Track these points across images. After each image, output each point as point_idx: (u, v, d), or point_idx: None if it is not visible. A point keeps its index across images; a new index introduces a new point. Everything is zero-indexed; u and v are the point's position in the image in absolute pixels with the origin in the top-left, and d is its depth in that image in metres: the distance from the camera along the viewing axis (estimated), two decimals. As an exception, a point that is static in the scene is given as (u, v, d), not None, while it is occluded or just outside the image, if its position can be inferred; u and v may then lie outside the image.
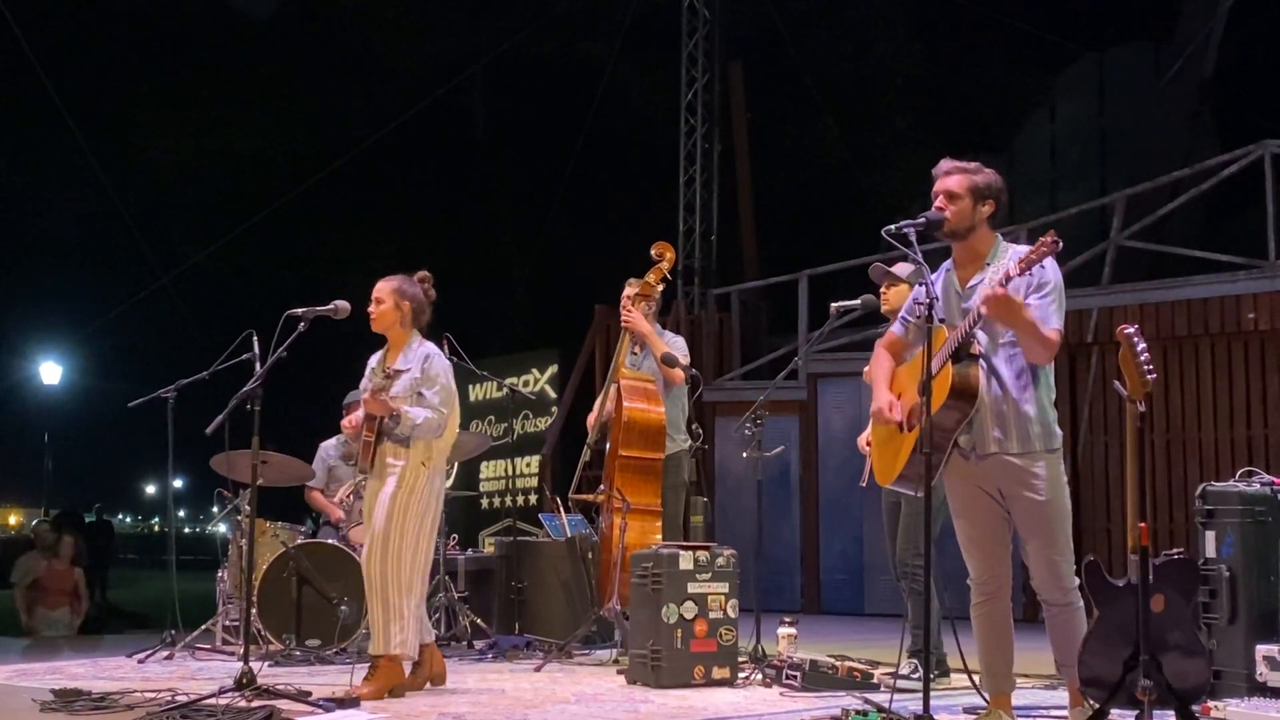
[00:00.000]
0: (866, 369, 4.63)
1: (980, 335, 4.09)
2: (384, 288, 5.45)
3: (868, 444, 6.04)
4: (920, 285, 4.20)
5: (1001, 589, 4.21)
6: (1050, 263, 4.09)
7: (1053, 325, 4.03)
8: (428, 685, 5.43)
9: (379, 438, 5.33)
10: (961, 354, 4.07)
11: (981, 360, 4.09)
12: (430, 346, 5.48)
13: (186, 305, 19.36)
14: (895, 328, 4.46)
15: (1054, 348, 4.05)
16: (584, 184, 18.05)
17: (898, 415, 4.22)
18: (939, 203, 4.17)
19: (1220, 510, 5.15)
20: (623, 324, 6.90)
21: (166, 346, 21.50)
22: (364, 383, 5.58)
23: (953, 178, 4.16)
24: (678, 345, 6.81)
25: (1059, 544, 4.08)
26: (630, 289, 6.85)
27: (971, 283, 4.16)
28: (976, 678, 4.44)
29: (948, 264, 4.32)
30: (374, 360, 5.60)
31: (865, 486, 5.47)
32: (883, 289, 5.79)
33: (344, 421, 5.94)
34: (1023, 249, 4.03)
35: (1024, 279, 4.00)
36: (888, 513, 5.96)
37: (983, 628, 4.24)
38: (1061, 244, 3.91)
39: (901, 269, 5.73)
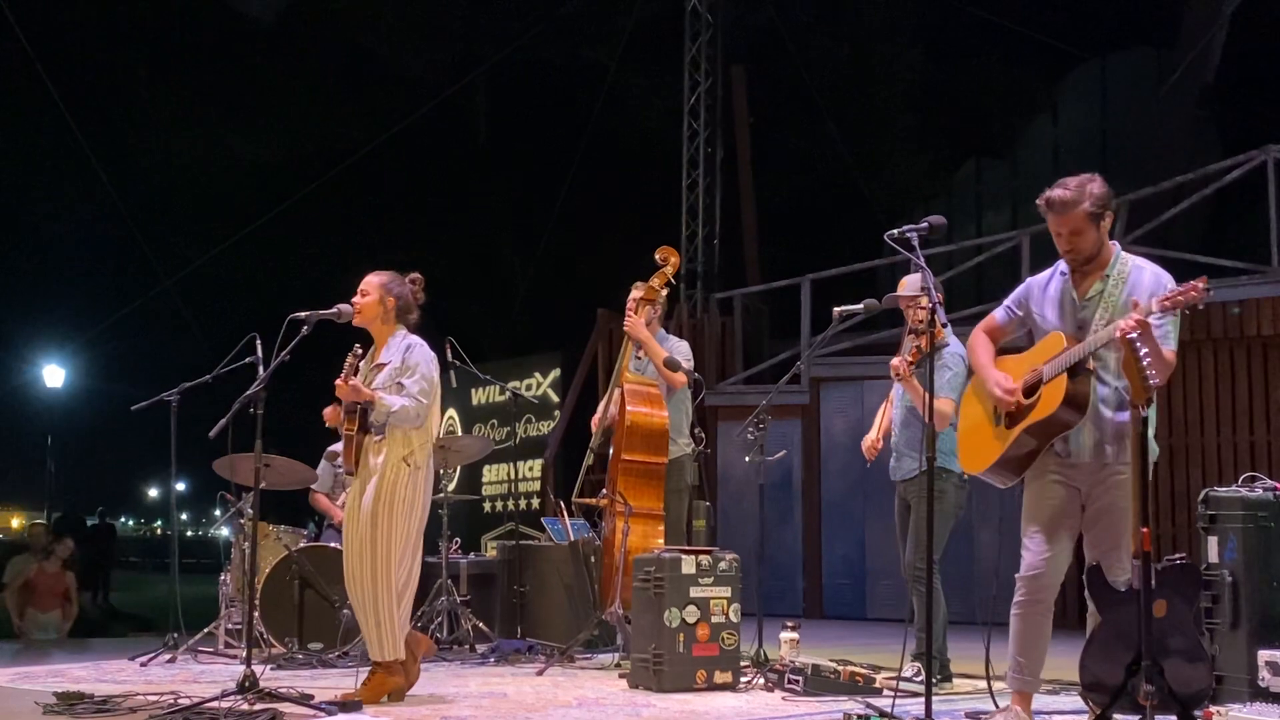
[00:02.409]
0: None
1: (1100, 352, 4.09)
2: (372, 281, 5.37)
3: (874, 446, 6.05)
4: (930, 288, 4.19)
5: (1047, 590, 4.22)
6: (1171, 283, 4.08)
7: (1169, 346, 4.05)
8: (422, 662, 5.40)
9: (361, 430, 5.16)
10: (1080, 368, 4.07)
11: (1098, 375, 4.10)
12: (414, 338, 5.34)
13: (189, 308, 19.40)
14: (998, 313, 4.40)
15: (1171, 370, 4.06)
16: (586, 188, 18.07)
17: (1014, 387, 4.16)
18: (1064, 244, 4.10)
19: (1223, 515, 5.16)
20: (625, 328, 6.90)
21: (169, 350, 21.52)
22: None
23: (1073, 215, 4.07)
24: (681, 350, 6.79)
25: (1122, 548, 4.08)
26: (635, 292, 6.84)
27: (1091, 294, 4.14)
28: (998, 683, 4.44)
29: (1063, 268, 4.24)
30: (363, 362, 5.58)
31: (870, 490, 5.46)
32: (908, 311, 5.80)
33: (325, 412, 5.78)
34: (1147, 265, 4.00)
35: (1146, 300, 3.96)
36: (899, 515, 5.96)
37: (1021, 626, 4.25)
38: (1212, 292, 3.87)
39: (910, 286, 5.72)
